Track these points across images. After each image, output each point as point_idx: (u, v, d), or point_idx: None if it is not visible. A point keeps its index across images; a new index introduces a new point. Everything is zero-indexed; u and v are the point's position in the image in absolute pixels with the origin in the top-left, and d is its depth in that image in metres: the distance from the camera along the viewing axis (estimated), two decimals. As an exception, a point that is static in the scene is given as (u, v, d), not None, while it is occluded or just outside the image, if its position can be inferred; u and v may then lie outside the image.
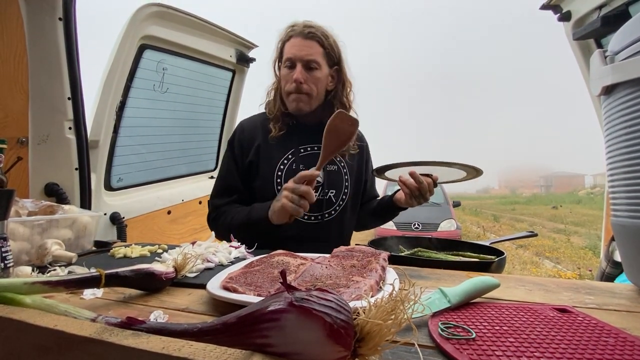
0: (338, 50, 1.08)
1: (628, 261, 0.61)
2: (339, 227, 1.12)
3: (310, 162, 1.05)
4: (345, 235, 1.16)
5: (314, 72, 1.03)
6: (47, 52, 1.27)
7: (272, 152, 1.07)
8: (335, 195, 1.10)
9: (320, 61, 1.04)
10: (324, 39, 1.04)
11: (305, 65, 1.02)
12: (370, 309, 0.29)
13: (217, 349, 0.28)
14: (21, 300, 0.40)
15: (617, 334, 0.41)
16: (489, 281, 0.53)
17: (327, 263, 0.65)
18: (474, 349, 0.37)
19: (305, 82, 1.02)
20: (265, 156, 1.06)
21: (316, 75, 1.03)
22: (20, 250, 0.77)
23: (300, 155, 1.07)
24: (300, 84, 1.02)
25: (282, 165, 1.06)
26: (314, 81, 1.03)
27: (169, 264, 0.63)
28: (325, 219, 1.08)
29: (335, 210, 1.10)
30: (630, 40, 0.56)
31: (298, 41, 1.03)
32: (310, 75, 1.03)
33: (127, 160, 1.71)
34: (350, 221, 1.16)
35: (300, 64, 1.02)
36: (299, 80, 1.01)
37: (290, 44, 1.04)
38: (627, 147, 0.56)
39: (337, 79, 1.10)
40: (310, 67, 1.03)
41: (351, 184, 1.14)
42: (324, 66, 1.05)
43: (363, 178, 1.19)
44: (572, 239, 8.40)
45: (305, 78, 1.02)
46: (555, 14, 1.75)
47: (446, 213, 6.59)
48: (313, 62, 1.02)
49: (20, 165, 1.27)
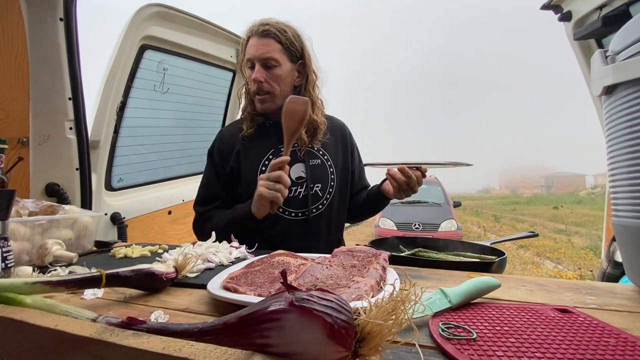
0: (300, 43, 1.06)
1: (629, 261, 0.61)
2: (328, 222, 1.10)
3: (291, 159, 1.05)
4: (335, 230, 1.13)
5: (273, 70, 1.02)
6: (48, 53, 1.27)
7: (252, 154, 1.06)
8: (322, 189, 1.08)
9: (278, 57, 1.02)
10: (280, 35, 1.02)
11: (263, 64, 1.01)
12: (371, 309, 0.29)
13: (218, 349, 0.28)
14: (22, 300, 0.41)
15: (618, 335, 0.41)
16: (489, 281, 0.53)
17: (327, 263, 0.65)
18: (475, 349, 0.37)
19: (266, 80, 1.02)
20: (245, 160, 1.06)
21: (276, 72, 1.02)
22: (21, 250, 0.78)
23: (280, 154, 1.04)
24: (260, 83, 1.01)
25: (263, 166, 1.05)
26: (274, 79, 1.02)
27: (170, 264, 0.63)
28: (312, 215, 1.06)
29: (323, 205, 1.08)
30: (631, 40, 0.56)
31: (255, 41, 1.02)
32: (270, 73, 1.02)
33: (127, 161, 1.72)
34: (339, 215, 1.14)
35: (258, 64, 1.01)
36: (257, 80, 1.01)
37: (249, 45, 1.03)
38: (629, 147, 0.56)
39: (303, 73, 1.08)
40: (268, 65, 1.02)
41: (337, 177, 1.12)
42: (285, 62, 1.03)
43: (349, 169, 1.17)
44: (573, 239, 8.39)
45: (265, 77, 1.02)
46: (556, 14, 1.74)
47: (447, 213, 6.59)
48: (270, 59, 1.01)
49: (21, 166, 1.27)
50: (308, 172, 1.07)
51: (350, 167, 1.18)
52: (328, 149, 1.12)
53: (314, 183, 1.07)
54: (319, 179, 1.08)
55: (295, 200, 1.05)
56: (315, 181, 1.08)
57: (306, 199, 1.06)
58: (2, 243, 0.60)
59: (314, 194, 1.07)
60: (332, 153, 1.13)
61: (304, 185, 1.06)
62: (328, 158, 1.12)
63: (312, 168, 1.08)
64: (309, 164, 1.08)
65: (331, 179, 1.10)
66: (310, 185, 1.07)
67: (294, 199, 1.05)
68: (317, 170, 1.09)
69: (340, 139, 1.17)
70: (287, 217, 1.04)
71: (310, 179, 1.07)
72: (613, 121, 0.60)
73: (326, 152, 1.12)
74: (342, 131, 1.20)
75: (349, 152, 1.18)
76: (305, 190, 1.06)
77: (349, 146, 1.19)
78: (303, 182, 1.07)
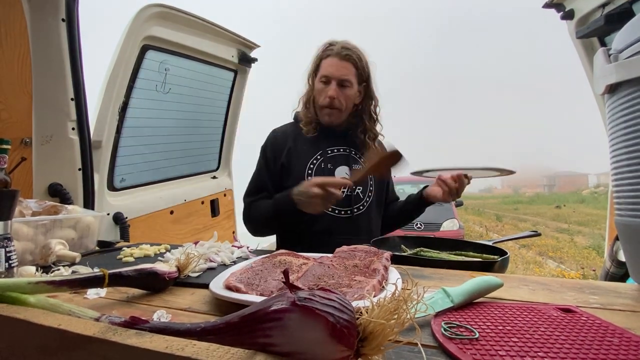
0: (368, 69, 1.19)
1: (632, 261, 0.61)
2: (367, 222, 1.19)
3: (336, 161, 1.18)
4: (373, 230, 1.22)
5: (345, 90, 1.14)
6: (50, 53, 1.27)
7: (303, 153, 1.18)
8: (362, 191, 1.19)
9: (352, 80, 1.15)
10: (358, 61, 1.15)
11: (339, 83, 1.13)
12: (373, 308, 0.29)
13: (220, 349, 0.28)
14: (25, 299, 0.41)
15: (621, 334, 0.41)
16: (492, 281, 0.53)
17: (329, 263, 0.65)
18: (477, 349, 0.37)
19: (338, 97, 1.13)
20: (296, 157, 1.17)
21: (347, 92, 1.15)
22: (24, 250, 0.78)
23: (328, 156, 1.18)
24: (333, 99, 1.13)
25: (312, 164, 1.16)
26: (345, 97, 1.15)
27: (172, 264, 0.63)
28: (354, 214, 1.16)
29: (364, 206, 1.18)
30: (634, 38, 0.56)
31: (335, 61, 1.14)
32: (343, 92, 1.14)
33: (129, 161, 1.72)
34: (376, 218, 1.24)
35: (335, 82, 1.13)
36: (332, 97, 1.12)
37: (327, 62, 1.15)
38: (632, 145, 0.56)
39: (365, 94, 1.21)
40: (344, 85, 1.14)
41: (375, 183, 1.23)
42: (355, 84, 1.16)
43: (385, 180, 1.28)
44: (576, 238, 8.36)
45: (338, 95, 1.13)
46: (558, 12, 1.73)
47: (449, 213, 6.56)
48: (346, 81, 1.14)
49: (24, 166, 1.28)
50: (351, 175, 1.16)
51: (386, 179, 1.29)
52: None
53: (356, 185, 1.16)
54: (361, 182, 1.17)
55: (340, 200, 1.12)
56: (357, 183, 1.16)
57: (349, 198, 1.16)
58: (5, 243, 0.61)
59: (355, 195, 1.17)
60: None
61: (347, 186, 1.15)
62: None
63: (355, 172, 1.18)
64: (352, 168, 1.19)
65: (370, 184, 1.21)
66: (353, 187, 1.16)
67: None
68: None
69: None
70: (331, 213, 1.14)
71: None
72: (616, 120, 0.60)
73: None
74: (379, 144, 1.32)
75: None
76: (348, 191, 1.15)
77: None
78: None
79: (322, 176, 1.13)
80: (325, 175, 1.14)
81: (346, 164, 1.19)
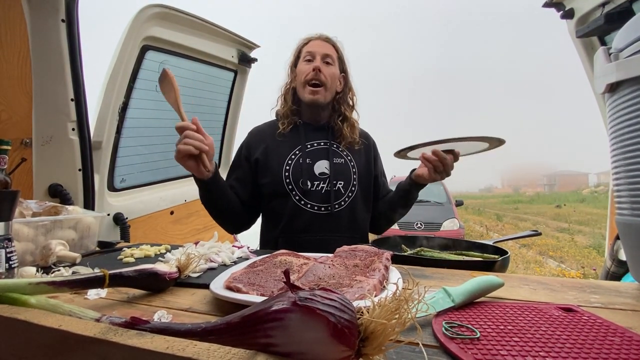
0: (346, 62, 1.23)
1: (633, 260, 0.61)
2: (350, 218, 1.14)
3: (315, 155, 1.15)
4: (358, 227, 1.17)
5: (330, 67, 1.16)
6: (50, 54, 1.27)
7: (280, 149, 1.15)
8: (344, 186, 1.15)
9: (335, 60, 1.18)
10: (338, 47, 1.21)
11: (323, 58, 1.16)
12: (374, 308, 0.29)
13: (221, 349, 0.28)
14: (26, 300, 0.41)
15: (622, 333, 0.41)
16: (492, 280, 0.53)
17: (330, 263, 0.65)
18: (479, 349, 0.37)
19: (323, 72, 1.13)
20: (273, 154, 1.15)
21: (331, 70, 1.16)
22: (24, 251, 0.78)
23: (307, 151, 1.15)
24: (319, 72, 1.13)
25: (289, 160, 1.14)
26: (329, 74, 1.15)
27: (172, 264, 0.63)
28: (335, 210, 1.12)
29: (345, 202, 1.14)
30: (635, 37, 0.56)
31: (318, 42, 1.18)
32: (327, 67, 1.15)
33: (130, 161, 1.72)
34: (363, 213, 1.19)
35: (319, 56, 1.15)
36: (318, 68, 1.12)
37: (309, 45, 1.18)
38: (632, 144, 0.56)
39: (344, 84, 1.23)
40: (327, 61, 1.16)
41: (359, 177, 1.19)
42: (336, 67, 1.18)
43: (372, 173, 1.24)
44: (576, 238, 8.35)
45: (323, 69, 1.14)
46: (558, 12, 1.73)
47: (449, 212, 6.56)
48: (330, 57, 1.16)
49: (24, 167, 1.28)
50: (331, 169, 1.14)
51: (373, 171, 1.25)
52: (352, 151, 1.21)
53: (336, 180, 1.14)
54: (342, 176, 1.15)
55: (318, 195, 1.12)
56: (337, 178, 1.14)
57: (329, 194, 1.12)
58: (6, 244, 0.61)
59: (336, 190, 1.14)
60: (355, 155, 1.21)
61: (327, 181, 1.13)
62: (351, 159, 1.20)
63: (335, 166, 1.15)
64: (332, 162, 1.15)
65: (354, 178, 1.17)
66: (333, 182, 1.13)
67: (316, 193, 1.12)
68: (340, 168, 1.16)
69: (364, 145, 1.25)
70: (309, 210, 1.11)
71: (333, 175, 1.14)
72: (616, 119, 0.59)
73: (350, 154, 1.20)
74: (367, 139, 1.29)
75: (372, 158, 1.26)
76: (328, 186, 1.13)
77: (372, 153, 1.28)
78: (326, 178, 1.14)
79: (300, 171, 1.10)
80: (303, 170, 1.11)
81: (326, 157, 1.15)
